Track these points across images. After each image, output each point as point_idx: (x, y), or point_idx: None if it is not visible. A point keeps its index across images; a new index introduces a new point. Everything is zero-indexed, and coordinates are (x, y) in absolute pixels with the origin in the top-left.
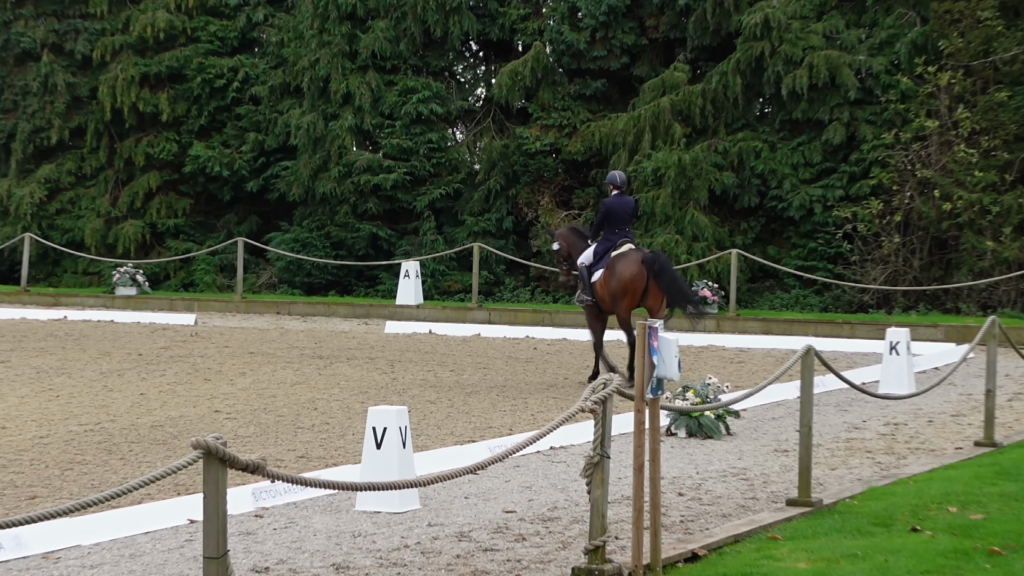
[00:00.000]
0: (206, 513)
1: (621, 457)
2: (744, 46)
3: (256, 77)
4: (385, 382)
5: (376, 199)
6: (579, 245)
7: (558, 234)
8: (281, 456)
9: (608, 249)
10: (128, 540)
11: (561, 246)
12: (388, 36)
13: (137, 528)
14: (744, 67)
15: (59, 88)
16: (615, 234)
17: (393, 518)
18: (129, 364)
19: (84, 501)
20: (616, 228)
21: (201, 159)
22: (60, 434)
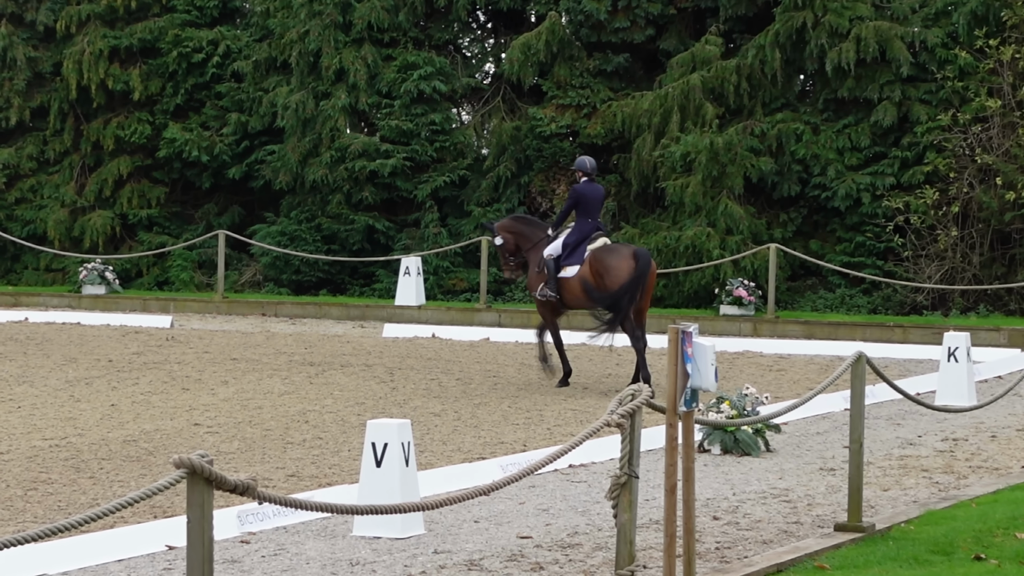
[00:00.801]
0: (190, 540)
1: (648, 476)
2: (784, 16)
3: (239, 51)
4: (384, 392)
5: (373, 187)
6: (530, 235)
7: (499, 227)
8: (269, 475)
9: (581, 240)
10: (100, 569)
11: (506, 239)
12: (386, 5)
13: (109, 555)
14: (784, 40)
15: (18, 63)
16: (587, 224)
17: (395, 544)
18: (98, 371)
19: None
20: (587, 217)
21: (177, 143)
22: (22, 450)
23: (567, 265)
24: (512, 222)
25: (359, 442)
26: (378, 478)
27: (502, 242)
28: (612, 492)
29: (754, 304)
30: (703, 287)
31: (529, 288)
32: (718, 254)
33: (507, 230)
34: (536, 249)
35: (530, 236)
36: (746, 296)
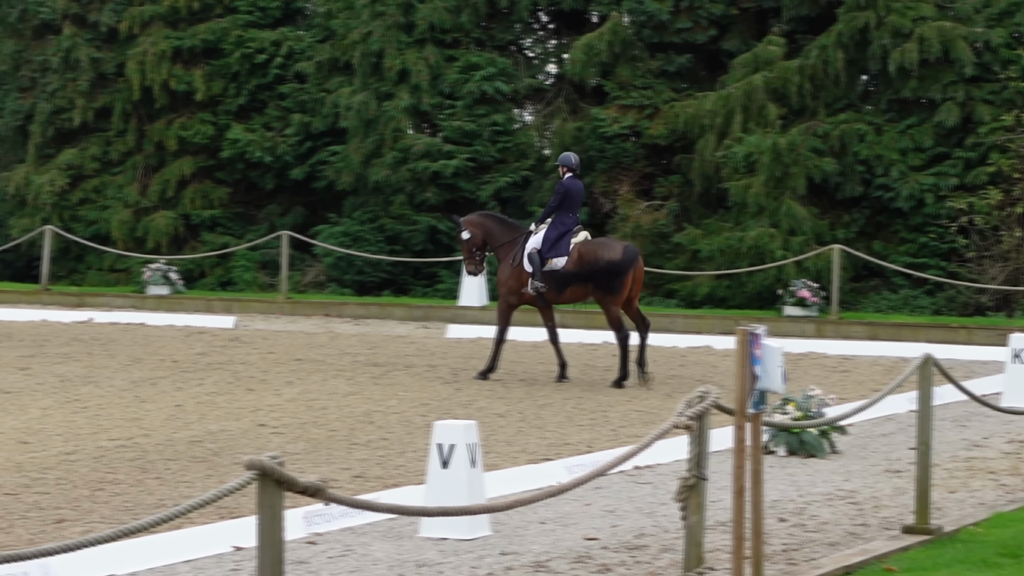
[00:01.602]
0: (261, 541)
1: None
2: (846, 16)
3: (301, 52)
4: (448, 393)
5: (435, 188)
6: (499, 233)
7: (466, 221)
8: (335, 475)
9: (563, 234)
10: (167, 569)
11: (474, 234)
12: (448, 6)
13: (177, 556)
14: (846, 40)
15: (82, 64)
16: (568, 218)
17: (461, 546)
18: (163, 372)
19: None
20: (569, 211)
21: (240, 143)
22: (89, 450)
23: (552, 257)
24: (481, 218)
25: (424, 443)
26: (445, 479)
27: (469, 236)
28: (680, 494)
29: (817, 305)
30: (766, 288)
31: (499, 285)
32: (781, 255)
33: (475, 226)
34: (505, 248)
35: (498, 234)
36: (809, 297)
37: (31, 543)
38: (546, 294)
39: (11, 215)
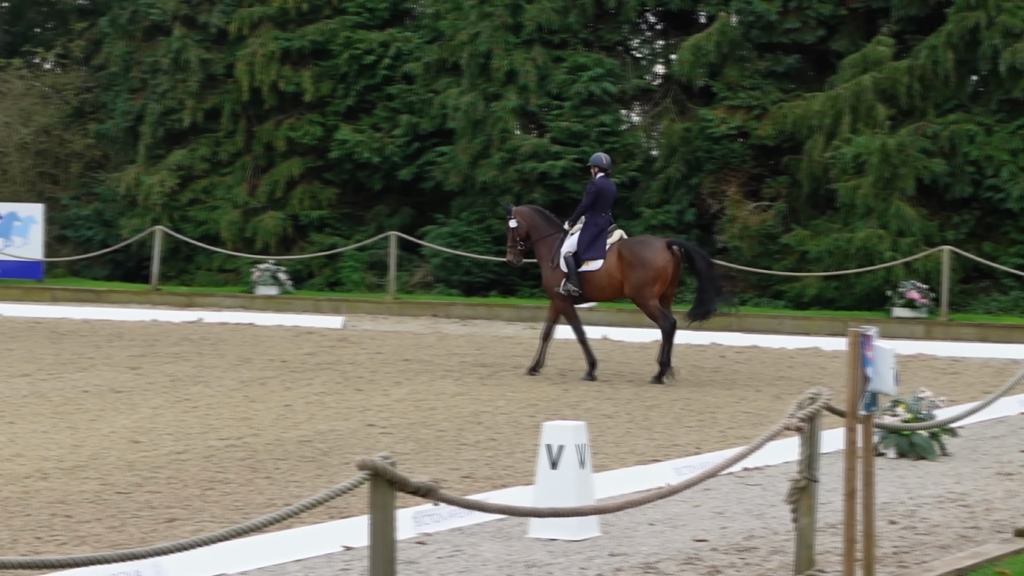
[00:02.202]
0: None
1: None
2: (956, 16)
3: (409, 53)
4: (556, 394)
5: (543, 188)
6: (542, 227)
7: (516, 211)
8: (444, 476)
9: (598, 235)
10: (278, 569)
11: (520, 224)
12: (556, 7)
13: (287, 556)
14: (956, 40)
15: (192, 65)
16: (602, 218)
17: (570, 547)
18: (272, 372)
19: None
20: (602, 211)
21: (348, 144)
22: (199, 449)
23: (588, 259)
24: (530, 211)
25: (533, 443)
26: (554, 480)
27: (516, 225)
28: (791, 496)
29: (927, 307)
30: (874, 289)
31: (546, 287)
32: (890, 256)
33: (523, 216)
34: (545, 242)
35: (541, 228)
36: (919, 298)
37: (143, 542)
38: (577, 295)
39: (122, 215)
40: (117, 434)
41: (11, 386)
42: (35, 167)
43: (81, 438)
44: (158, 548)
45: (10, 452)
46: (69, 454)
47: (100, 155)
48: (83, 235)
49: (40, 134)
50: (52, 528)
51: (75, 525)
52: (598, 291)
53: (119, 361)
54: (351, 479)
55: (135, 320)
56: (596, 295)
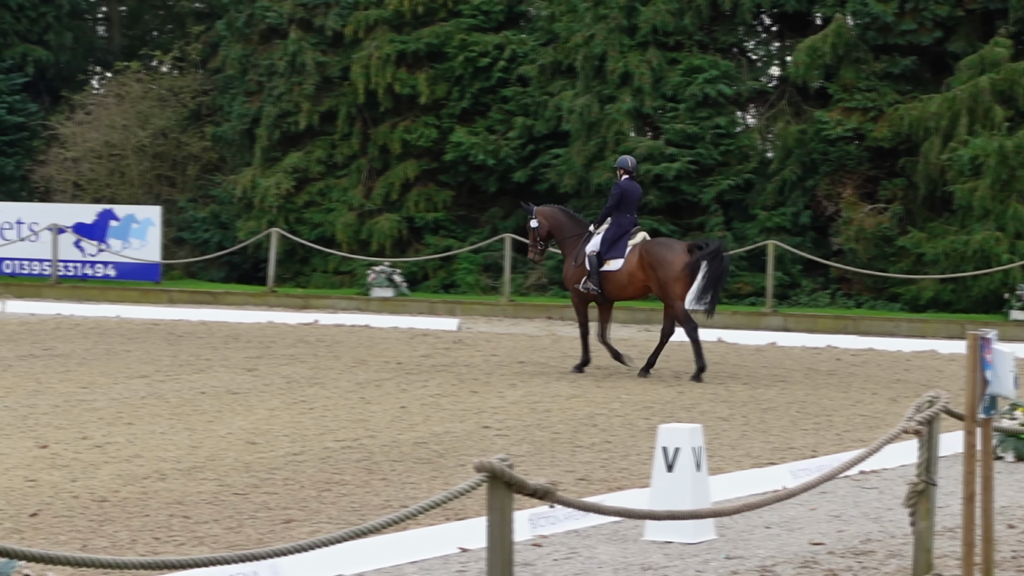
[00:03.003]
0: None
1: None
2: None
3: (524, 55)
4: (671, 396)
5: (658, 191)
6: (565, 226)
7: (538, 211)
8: (559, 478)
9: (620, 235)
10: (394, 570)
11: (541, 223)
12: (671, 9)
13: (404, 557)
14: None
15: (308, 68)
16: (626, 219)
17: (686, 549)
18: (388, 374)
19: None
20: (627, 212)
21: (463, 146)
22: (315, 451)
23: (610, 259)
24: (552, 210)
25: (648, 446)
26: (670, 483)
27: (536, 225)
28: (909, 499)
29: None
30: (992, 292)
31: (566, 281)
32: (1007, 259)
33: (545, 216)
34: (571, 241)
35: (565, 227)
36: None
37: (260, 543)
38: (604, 292)
39: (238, 217)
40: (234, 435)
41: (129, 387)
42: (152, 170)
43: (198, 439)
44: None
45: (129, 453)
46: (187, 455)
47: (217, 158)
48: (200, 237)
49: (157, 137)
50: (170, 529)
51: (193, 526)
52: (618, 290)
53: (236, 363)
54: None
55: (251, 322)
56: (616, 294)
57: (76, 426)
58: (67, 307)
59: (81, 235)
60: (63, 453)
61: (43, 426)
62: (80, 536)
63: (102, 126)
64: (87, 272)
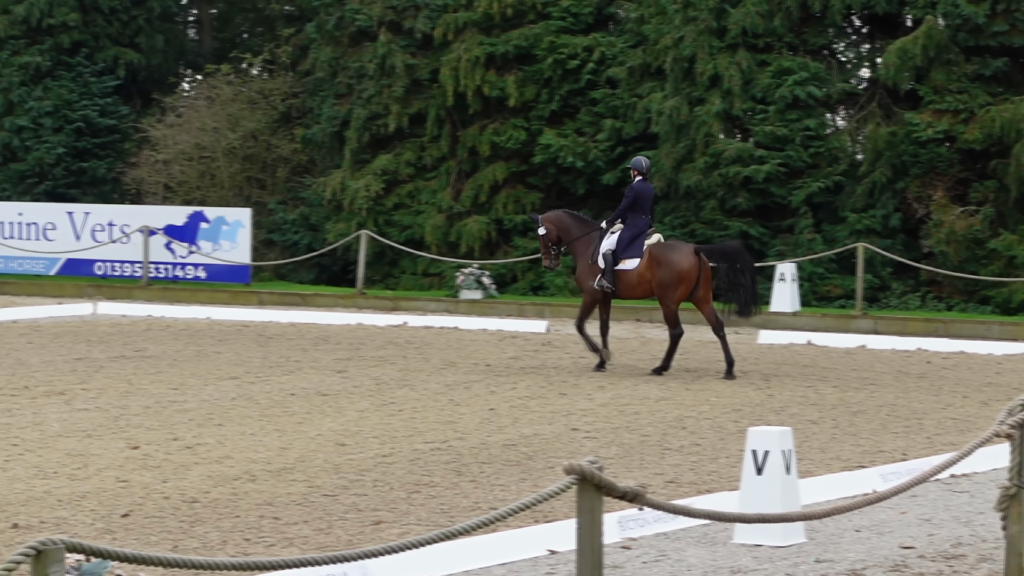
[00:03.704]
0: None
1: None
2: None
3: (613, 57)
4: (760, 399)
5: (747, 193)
6: (572, 228)
7: (544, 218)
8: (648, 480)
9: (636, 235)
10: (482, 572)
11: (550, 230)
12: (761, 11)
13: (492, 559)
14: None
15: (397, 70)
16: (641, 220)
17: (776, 552)
18: (476, 376)
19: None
20: (642, 213)
21: (552, 148)
22: (404, 452)
23: (626, 258)
24: (556, 214)
25: (737, 449)
26: (759, 486)
27: (545, 232)
28: (1001, 503)
29: None
30: None
31: (579, 280)
32: None
33: (551, 222)
34: (581, 242)
35: (572, 229)
36: None
37: (350, 544)
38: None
39: (327, 220)
40: (324, 437)
41: (219, 389)
42: (242, 172)
43: (288, 441)
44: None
45: (219, 454)
46: (277, 456)
47: (306, 160)
48: (289, 239)
49: (247, 139)
50: (260, 530)
51: (283, 527)
52: (628, 289)
53: (325, 364)
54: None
55: (341, 324)
56: (627, 293)
57: (167, 427)
58: (158, 309)
59: (172, 237)
60: (154, 454)
61: (134, 427)
62: (171, 537)
63: (192, 128)
64: (178, 274)
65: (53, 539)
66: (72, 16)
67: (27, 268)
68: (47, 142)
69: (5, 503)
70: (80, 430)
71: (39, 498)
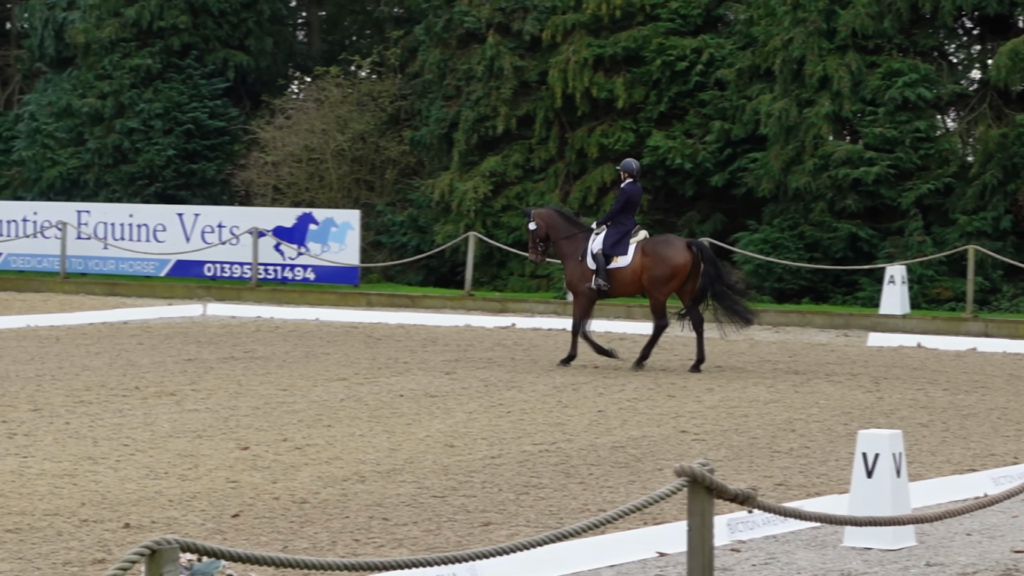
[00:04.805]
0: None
1: None
2: None
3: (722, 59)
4: (870, 402)
5: (856, 195)
6: (561, 227)
7: (536, 214)
8: (757, 483)
9: (624, 235)
10: (592, 574)
11: (539, 226)
12: (871, 12)
13: (601, 561)
14: None
15: (505, 72)
16: (629, 220)
17: (886, 556)
18: (585, 377)
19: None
20: (630, 214)
21: (660, 150)
22: (513, 454)
23: (616, 256)
24: (548, 211)
25: (846, 452)
26: (869, 489)
27: (535, 228)
28: None
29: None
30: None
31: (570, 282)
32: None
33: (542, 218)
34: (569, 242)
35: (561, 228)
36: None
37: (459, 545)
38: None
39: (435, 221)
40: (432, 438)
41: (328, 390)
42: (351, 174)
43: (397, 442)
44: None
45: (328, 455)
46: (386, 457)
47: (414, 162)
48: (397, 241)
49: (356, 141)
50: (370, 530)
51: (392, 528)
52: (624, 286)
53: (433, 366)
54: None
55: (449, 325)
56: (622, 290)
57: (276, 428)
58: (267, 310)
59: (281, 239)
60: (264, 455)
61: (244, 428)
62: (281, 537)
63: (301, 130)
64: (286, 275)
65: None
66: (182, 19)
67: (137, 269)
68: (157, 144)
69: (116, 503)
70: (190, 431)
71: (150, 498)
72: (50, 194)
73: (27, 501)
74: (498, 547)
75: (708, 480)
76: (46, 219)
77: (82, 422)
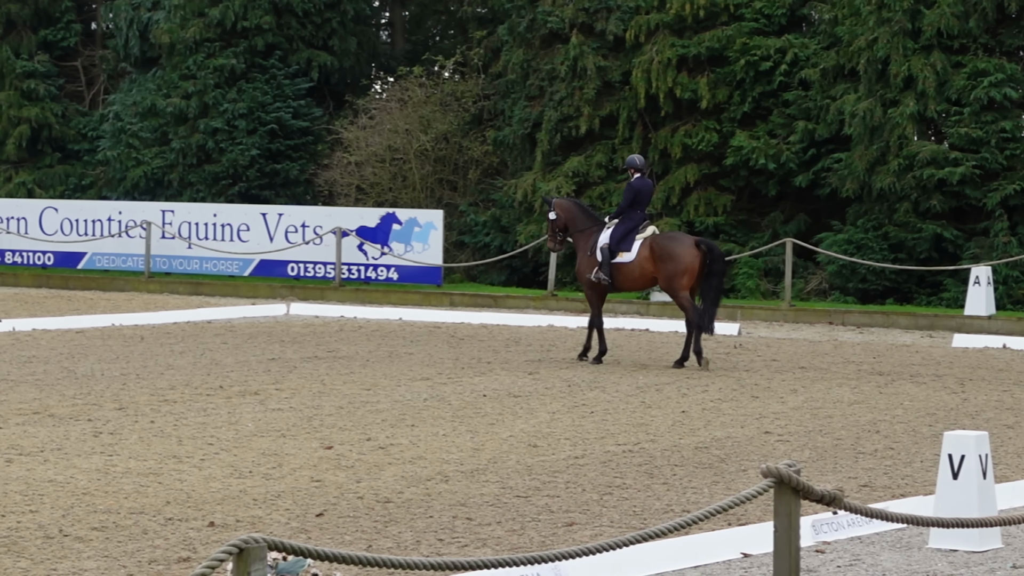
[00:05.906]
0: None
1: None
2: None
3: (806, 59)
4: (955, 403)
5: (940, 196)
6: (579, 219)
7: (557, 203)
8: (842, 484)
9: (631, 229)
10: (676, 574)
11: (559, 216)
12: (956, 12)
13: (686, 562)
14: None
15: (588, 72)
16: (637, 215)
17: (972, 558)
18: (668, 378)
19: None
20: (638, 208)
21: (744, 150)
22: (596, 454)
23: (621, 251)
24: (568, 203)
25: (931, 453)
26: (955, 490)
27: (555, 217)
28: None
29: None
30: None
31: (579, 273)
32: None
33: (562, 208)
34: (583, 234)
35: (578, 221)
36: None
37: (542, 545)
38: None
39: (518, 221)
40: (515, 438)
41: (412, 390)
42: (434, 174)
43: (480, 442)
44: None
45: (412, 455)
46: (469, 457)
47: (497, 162)
48: (480, 241)
49: (439, 141)
50: (453, 530)
51: (476, 527)
52: (629, 281)
53: (517, 366)
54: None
55: (532, 325)
56: (627, 285)
57: (360, 427)
58: (350, 309)
59: (364, 238)
60: (347, 454)
61: (328, 427)
62: (365, 536)
63: (384, 131)
64: (370, 275)
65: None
66: (266, 19)
67: (221, 269)
68: (241, 144)
69: (201, 501)
70: (274, 430)
71: (234, 497)
72: (134, 194)
73: (112, 499)
74: (582, 547)
75: (795, 481)
76: (131, 219)
77: (167, 421)
